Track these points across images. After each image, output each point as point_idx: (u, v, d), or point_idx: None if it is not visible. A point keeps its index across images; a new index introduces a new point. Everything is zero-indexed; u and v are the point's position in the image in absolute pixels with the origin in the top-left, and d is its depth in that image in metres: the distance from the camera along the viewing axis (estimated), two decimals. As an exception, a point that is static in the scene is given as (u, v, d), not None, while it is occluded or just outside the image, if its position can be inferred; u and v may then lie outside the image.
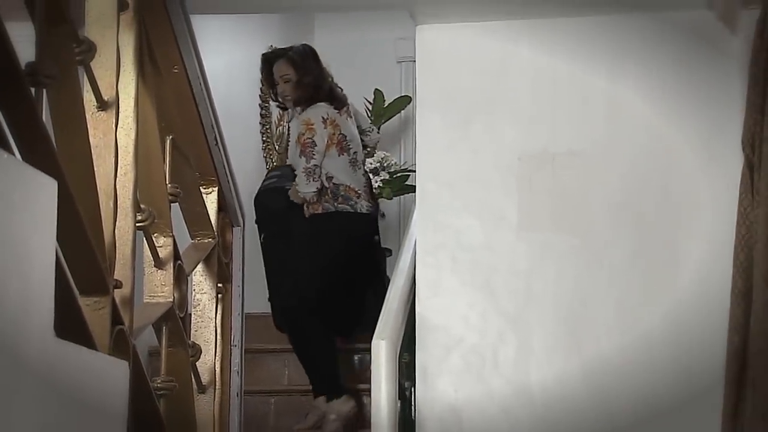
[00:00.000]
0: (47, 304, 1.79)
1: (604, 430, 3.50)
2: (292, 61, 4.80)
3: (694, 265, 3.53)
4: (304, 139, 4.61)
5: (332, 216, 4.68)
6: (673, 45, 3.64)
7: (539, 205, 3.69)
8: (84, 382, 1.97)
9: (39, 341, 1.77)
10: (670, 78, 3.64)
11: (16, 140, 1.91)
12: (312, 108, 4.69)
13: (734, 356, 3.14)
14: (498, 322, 3.66)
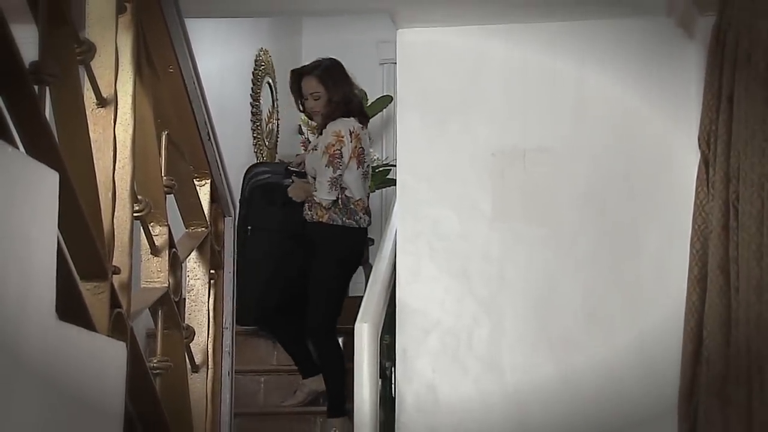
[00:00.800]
0: (49, 288, 1.78)
1: (570, 406, 3.52)
2: (322, 80, 4.60)
3: (654, 253, 3.54)
4: (333, 150, 4.44)
5: (335, 228, 4.53)
6: (635, 49, 3.65)
7: (511, 197, 3.70)
8: (84, 361, 1.96)
9: (41, 323, 1.76)
10: (632, 80, 3.65)
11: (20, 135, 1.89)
12: (342, 120, 4.53)
13: (690, 337, 3.15)
14: (472, 306, 3.66)
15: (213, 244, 2.85)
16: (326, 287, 4.50)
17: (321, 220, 4.48)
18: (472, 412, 3.58)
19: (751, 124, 2.81)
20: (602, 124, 3.66)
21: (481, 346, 3.63)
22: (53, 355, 1.80)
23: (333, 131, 4.48)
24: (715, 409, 2.93)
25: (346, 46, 6.46)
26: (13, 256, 1.66)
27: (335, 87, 4.57)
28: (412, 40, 3.81)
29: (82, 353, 1.95)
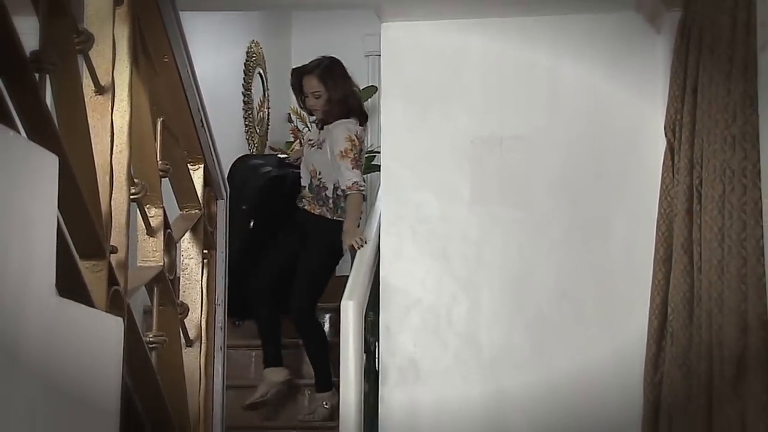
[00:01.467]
0: (49, 265, 1.77)
1: (543, 378, 3.53)
2: (322, 79, 4.45)
3: (623, 235, 3.55)
4: (354, 154, 4.31)
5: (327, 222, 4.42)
6: (606, 43, 3.65)
7: (488, 182, 3.70)
8: (83, 336, 1.95)
9: (42, 299, 1.75)
10: (603, 72, 3.65)
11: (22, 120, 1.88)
12: (347, 123, 4.40)
13: (656, 313, 3.17)
14: (452, 284, 3.67)
15: (206, 226, 2.83)
16: (313, 274, 4.43)
17: (313, 213, 4.43)
18: (451, 385, 3.59)
19: (714, 114, 2.81)
20: (574, 113, 3.67)
21: (460, 322, 3.64)
22: (53, 330, 1.79)
23: (345, 136, 4.33)
24: (679, 379, 2.94)
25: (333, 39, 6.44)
26: (14, 236, 1.65)
27: (335, 86, 4.46)
28: (395, 33, 3.80)
29: (81, 328, 1.94)
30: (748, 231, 2.57)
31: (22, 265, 1.66)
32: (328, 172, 4.41)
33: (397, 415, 3.60)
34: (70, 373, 1.87)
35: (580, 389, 3.50)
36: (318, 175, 4.44)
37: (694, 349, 2.90)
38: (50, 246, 1.78)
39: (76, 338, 1.91)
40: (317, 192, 4.46)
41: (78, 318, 1.93)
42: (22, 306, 1.67)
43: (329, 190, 4.44)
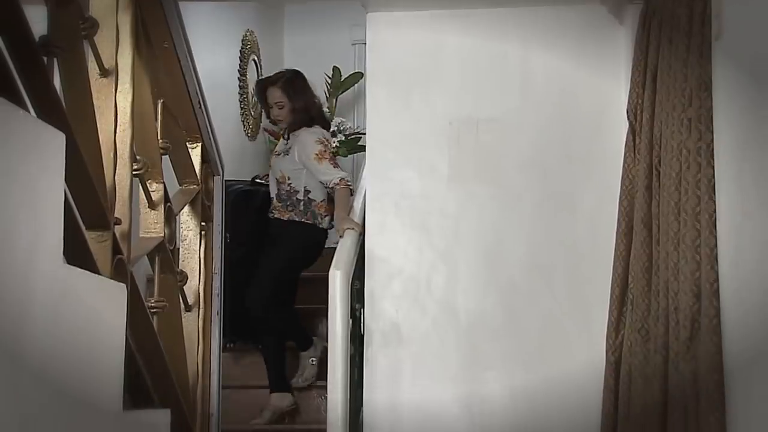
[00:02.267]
0: (57, 235, 1.77)
1: (514, 340, 3.54)
2: (284, 89, 4.39)
3: (588, 209, 3.56)
4: (329, 154, 4.26)
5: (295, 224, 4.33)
6: (573, 33, 3.65)
7: (465, 161, 3.70)
8: (89, 300, 1.95)
9: (50, 266, 1.75)
10: (571, 60, 3.64)
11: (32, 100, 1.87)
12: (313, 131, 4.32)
13: (618, 282, 3.18)
14: (431, 255, 3.67)
15: (204, 200, 2.83)
16: (274, 270, 4.28)
17: (283, 219, 4.33)
18: (429, 347, 3.60)
19: (672, 98, 2.82)
20: (544, 98, 3.66)
21: (439, 290, 3.65)
22: (61, 295, 1.79)
23: (315, 140, 4.26)
24: (638, 342, 2.96)
25: (322, 29, 6.43)
26: (24, 207, 1.65)
27: (296, 96, 4.38)
28: (380, 23, 3.78)
29: (87, 293, 1.94)
30: (702, 206, 2.57)
31: (31, 234, 1.66)
32: (297, 176, 4.31)
33: (380, 374, 3.61)
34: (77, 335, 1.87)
35: (548, 350, 3.51)
36: (287, 180, 4.33)
37: (652, 313, 2.91)
38: (58, 217, 1.78)
39: (83, 303, 1.91)
40: (287, 197, 4.34)
41: (84, 284, 1.93)
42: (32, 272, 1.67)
43: (300, 194, 4.34)
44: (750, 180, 2.36)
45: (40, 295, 1.69)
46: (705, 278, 2.53)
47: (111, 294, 2.08)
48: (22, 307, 1.62)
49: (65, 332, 1.80)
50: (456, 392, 3.54)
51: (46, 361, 1.71)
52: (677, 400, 2.61)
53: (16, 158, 1.61)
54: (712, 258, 2.52)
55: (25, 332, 1.63)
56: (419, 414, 3.55)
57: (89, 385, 1.94)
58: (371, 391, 3.60)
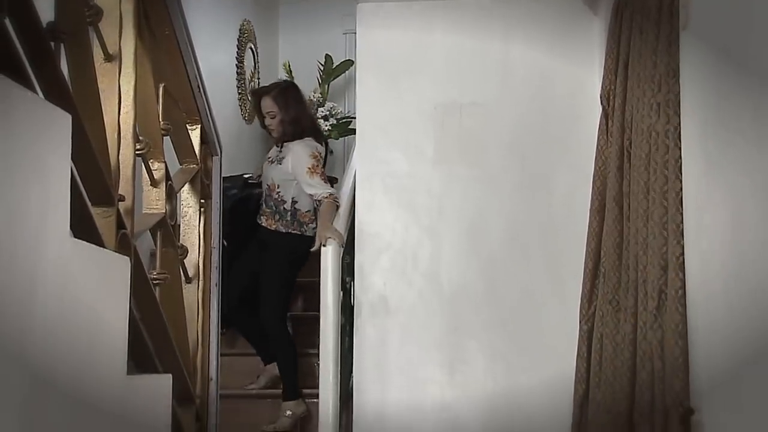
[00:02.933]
0: (64, 210, 1.76)
1: (493, 310, 3.56)
2: (276, 100, 4.25)
3: (564, 189, 3.57)
4: (320, 170, 4.16)
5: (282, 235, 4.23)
6: (551, 23, 3.64)
7: (449, 143, 3.70)
8: (95, 272, 1.94)
9: (58, 240, 1.74)
10: (548, 48, 3.64)
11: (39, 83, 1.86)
12: (305, 143, 4.21)
13: (591, 256, 3.19)
14: (417, 232, 3.67)
15: (203, 179, 2.82)
16: (277, 282, 4.20)
17: (270, 228, 4.24)
18: (415, 317, 3.61)
19: (642, 84, 2.82)
20: (523, 84, 3.66)
21: (424, 264, 3.65)
22: (68, 267, 1.79)
23: (309, 153, 4.16)
24: (609, 312, 2.97)
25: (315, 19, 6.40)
26: (33, 184, 1.64)
27: (287, 108, 4.25)
28: (369, 13, 3.77)
29: (93, 265, 1.93)
30: (669, 185, 2.58)
31: (40, 209, 1.66)
32: (287, 187, 4.22)
33: (369, 342, 3.62)
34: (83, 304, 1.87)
35: (525, 319, 3.53)
36: (277, 189, 4.23)
37: (622, 286, 2.92)
38: (65, 194, 1.77)
39: (89, 274, 1.90)
40: (275, 206, 4.24)
41: (90, 257, 1.92)
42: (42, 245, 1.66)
43: (287, 204, 4.23)
44: (714, 160, 2.36)
45: (49, 267, 1.68)
46: (671, 252, 2.54)
47: (115, 266, 2.07)
48: (32, 277, 1.62)
49: (72, 301, 1.80)
50: (439, 358, 3.56)
51: (55, 328, 1.71)
52: (645, 365, 2.62)
53: (26, 138, 1.60)
54: (678, 233, 2.53)
55: (35, 301, 1.63)
56: (405, 378, 3.56)
57: (95, 351, 1.94)
58: (360, 357, 3.61)
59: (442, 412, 3.53)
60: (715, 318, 2.32)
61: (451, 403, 3.53)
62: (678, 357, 2.46)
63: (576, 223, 3.38)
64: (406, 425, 3.54)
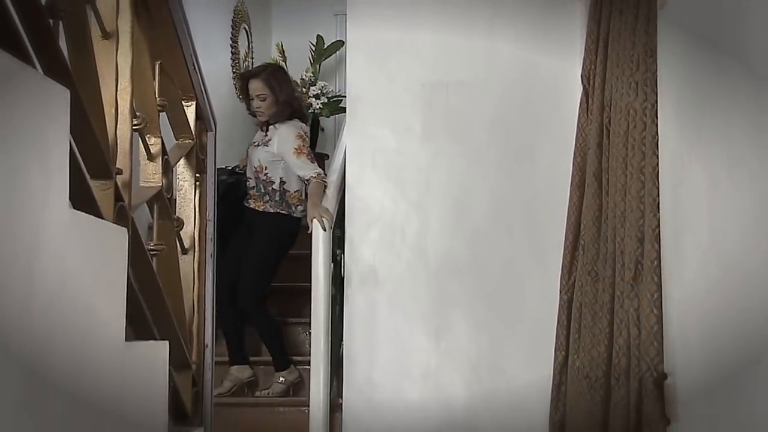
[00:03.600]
0: (64, 183, 1.76)
1: (477, 281, 3.57)
2: (267, 82, 4.07)
3: (546, 165, 3.57)
4: (307, 150, 4.00)
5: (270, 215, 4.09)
6: (534, 5, 3.63)
7: (436, 120, 3.69)
8: (93, 242, 1.94)
9: (59, 211, 1.74)
10: (532, 30, 3.63)
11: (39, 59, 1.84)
12: (293, 124, 4.06)
13: (571, 229, 3.20)
14: (405, 206, 3.68)
15: (198, 153, 2.81)
16: (259, 260, 4.02)
17: (258, 209, 4.09)
18: (403, 287, 3.62)
19: (621, 64, 2.82)
20: (508, 64, 3.65)
21: (412, 237, 3.66)
22: (68, 237, 1.79)
23: (296, 134, 4.02)
24: (588, 282, 2.99)
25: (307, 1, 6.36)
26: (34, 157, 1.63)
27: (279, 89, 4.10)
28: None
29: (92, 236, 1.93)
30: (647, 160, 2.59)
31: (41, 182, 1.65)
32: (275, 167, 4.09)
33: (358, 312, 3.63)
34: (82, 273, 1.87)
35: (508, 290, 3.55)
36: (264, 170, 4.11)
37: (601, 257, 2.94)
38: (64, 166, 1.77)
39: (88, 244, 1.90)
40: (263, 186, 4.11)
41: (89, 227, 1.92)
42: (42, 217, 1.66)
43: (276, 184, 4.11)
44: (689, 136, 2.37)
45: (49, 237, 1.68)
46: (648, 225, 2.55)
47: (113, 237, 2.07)
48: (33, 247, 1.62)
49: (72, 270, 1.80)
50: (426, 326, 3.57)
51: (55, 295, 1.71)
52: (622, 333, 2.64)
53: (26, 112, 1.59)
54: (655, 207, 2.54)
55: (36, 269, 1.63)
56: (393, 345, 3.58)
57: (94, 318, 1.94)
58: (350, 326, 3.62)
59: (428, 378, 3.56)
60: (689, 287, 2.34)
61: (436, 369, 3.56)
62: (653, 325, 2.48)
63: (557, 197, 3.38)
64: (393, 391, 3.56)
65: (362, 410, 3.56)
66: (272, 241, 4.03)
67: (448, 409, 3.53)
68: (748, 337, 1.88)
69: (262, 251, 4.03)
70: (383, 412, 3.55)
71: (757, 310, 1.79)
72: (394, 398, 3.55)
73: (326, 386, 3.51)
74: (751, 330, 1.86)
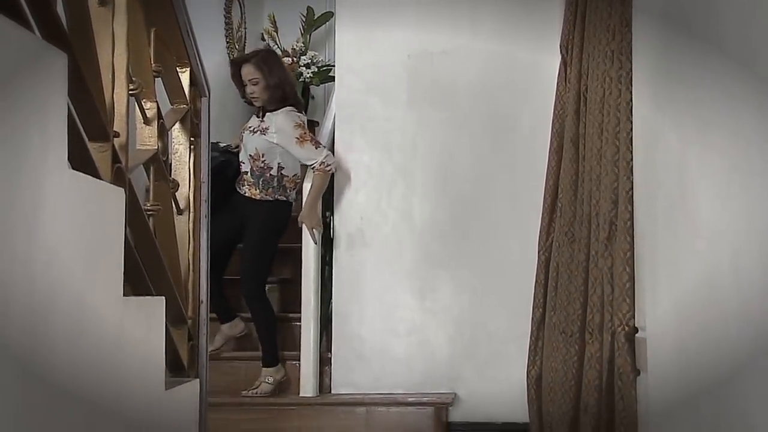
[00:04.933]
0: (62, 144, 1.74)
1: (460, 242, 3.60)
2: (259, 66, 3.79)
3: (525, 131, 3.58)
4: (309, 136, 3.71)
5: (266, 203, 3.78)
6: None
7: (422, 88, 3.69)
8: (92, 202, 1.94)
9: (58, 170, 1.73)
10: (514, 1, 3.62)
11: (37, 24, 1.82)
12: (289, 113, 3.76)
13: (549, 192, 3.22)
14: (392, 170, 3.68)
15: (192, 118, 2.79)
16: (259, 253, 3.75)
17: (254, 198, 3.75)
18: (389, 248, 3.64)
19: (598, 34, 2.82)
20: (490, 35, 3.65)
21: (398, 200, 3.67)
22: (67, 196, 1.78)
23: (294, 124, 3.72)
24: (565, 243, 3.01)
25: (298, -26, 6.29)
26: (32, 118, 1.62)
27: (271, 73, 3.80)
28: (347, -32, 3.73)
29: (90, 195, 1.93)
30: (621, 125, 2.60)
31: (40, 143, 1.64)
32: (272, 154, 3.79)
33: (347, 272, 3.66)
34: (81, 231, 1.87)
35: (489, 250, 3.57)
36: (262, 157, 3.79)
37: (577, 219, 2.96)
38: (63, 128, 1.76)
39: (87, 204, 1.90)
40: (260, 173, 3.80)
41: (87, 187, 1.91)
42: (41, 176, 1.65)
43: (274, 170, 3.80)
44: (662, 102, 2.38)
45: (49, 196, 1.67)
46: (622, 187, 2.57)
47: (111, 197, 2.06)
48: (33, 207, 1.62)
49: (71, 228, 1.80)
50: (411, 285, 3.60)
51: (55, 253, 1.71)
52: (596, 290, 2.67)
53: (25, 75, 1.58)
54: (628, 170, 2.56)
55: (35, 227, 1.63)
56: (380, 303, 3.61)
57: (92, 275, 1.94)
58: (339, 285, 3.65)
59: (413, 334, 3.59)
60: (659, 246, 2.36)
61: (421, 325, 3.59)
62: (626, 282, 2.51)
63: (536, 162, 3.40)
64: (380, 346, 3.60)
65: (350, 364, 3.59)
66: (269, 231, 3.77)
67: (431, 364, 3.57)
68: (715, 292, 1.90)
69: (260, 241, 3.78)
70: (370, 366, 3.59)
71: (726, 266, 1.82)
72: (381, 353, 3.59)
73: (316, 342, 3.53)
74: (718, 285, 1.89)
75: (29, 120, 1.59)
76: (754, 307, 1.65)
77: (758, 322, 1.64)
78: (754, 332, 1.66)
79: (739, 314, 1.73)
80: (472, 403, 3.50)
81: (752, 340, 1.66)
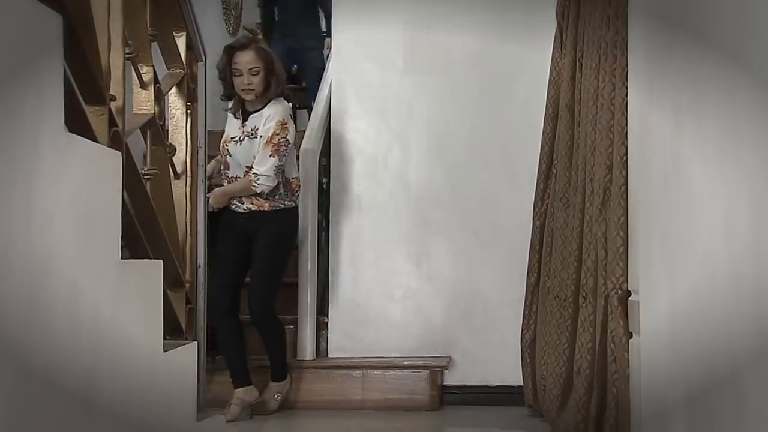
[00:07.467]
0: (58, 107, 1.74)
1: (456, 209, 3.59)
2: (260, 53, 3.21)
3: (522, 97, 3.56)
4: (279, 139, 3.18)
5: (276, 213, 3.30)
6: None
7: (418, 56, 3.67)
8: (89, 164, 1.93)
9: (55, 134, 1.73)
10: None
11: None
12: (279, 105, 3.26)
13: (544, 158, 3.20)
14: (388, 137, 3.67)
15: (189, 83, 2.78)
16: (268, 271, 3.28)
17: (263, 209, 3.26)
18: (386, 214, 3.64)
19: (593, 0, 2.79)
20: (486, 5, 3.62)
21: (394, 166, 3.66)
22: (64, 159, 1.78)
23: (277, 120, 3.21)
24: (560, 208, 3.01)
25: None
26: (28, 81, 1.61)
27: (274, 62, 3.26)
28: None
29: (87, 158, 1.92)
30: (616, 91, 2.58)
31: (35, 106, 1.63)
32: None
33: (344, 237, 3.65)
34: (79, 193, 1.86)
35: (485, 216, 3.57)
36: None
37: (572, 185, 2.95)
38: (59, 90, 1.75)
39: (84, 166, 1.89)
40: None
41: (84, 150, 1.91)
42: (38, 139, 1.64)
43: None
44: (657, 67, 2.36)
45: (46, 159, 1.67)
46: (616, 153, 2.56)
47: (108, 160, 2.06)
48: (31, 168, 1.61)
49: (69, 190, 1.80)
50: (407, 250, 3.60)
51: (53, 215, 1.71)
52: (590, 255, 2.67)
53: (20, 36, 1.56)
54: (623, 135, 2.55)
55: (34, 188, 1.62)
56: (376, 269, 3.61)
57: (91, 237, 1.94)
58: (336, 250, 3.65)
59: (409, 299, 3.60)
60: (653, 210, 2.36)
61: (416, 291, 3.60)
62: (619, 246, 2.51)
63: (531, 129, 3.38)
64: (376, 311, 3.61)
65: (347, 329, 3.61)
66: (279, 244, 3.33)
67: (427, 328, 3.58)
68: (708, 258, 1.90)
69: (269, 262, 3.32)
70: (366, 331, 3.60)
71: (720, 232, 1.81)
72: (377, 318, 3.60)
73: (313, 307, 3.54)
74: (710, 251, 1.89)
75: (24, 82, 1.57)
76: (746, 271, 1.65)
77: (749, 285, 1.64)
78: (745, 296, 1.66)
79: (730, 278, 1.74)
80: (467, 366, 3.52)
81: (742, 304, 1.67)
